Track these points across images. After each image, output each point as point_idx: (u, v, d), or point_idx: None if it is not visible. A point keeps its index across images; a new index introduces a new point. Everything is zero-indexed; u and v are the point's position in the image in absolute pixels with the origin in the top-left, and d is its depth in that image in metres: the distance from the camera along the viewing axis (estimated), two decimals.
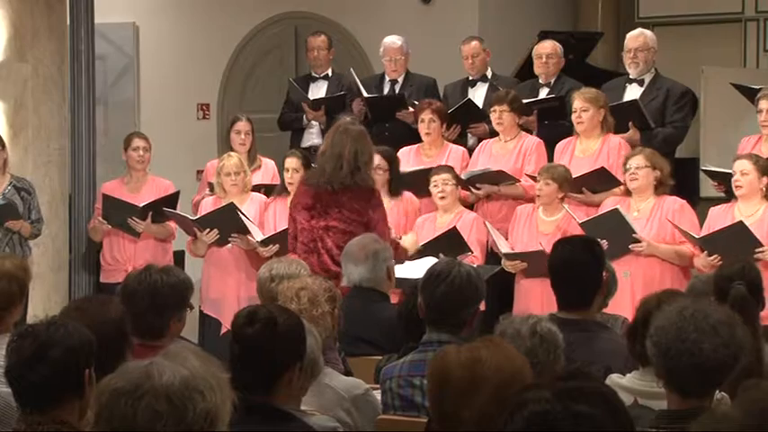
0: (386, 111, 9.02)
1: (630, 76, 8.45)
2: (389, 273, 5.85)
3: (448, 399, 3.08)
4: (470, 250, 7.56)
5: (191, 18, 11.68)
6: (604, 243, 6.92)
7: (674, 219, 7.20)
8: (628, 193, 7.40)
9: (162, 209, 8.26)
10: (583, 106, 7.83)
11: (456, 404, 3.06)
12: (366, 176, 6.74)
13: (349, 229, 6.60)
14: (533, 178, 7.74)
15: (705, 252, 6.98)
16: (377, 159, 7.80)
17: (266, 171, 8.66)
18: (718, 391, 3.43)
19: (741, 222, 6.96)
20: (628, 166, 7.33)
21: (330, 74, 9.69)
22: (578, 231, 7.36)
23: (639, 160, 7.31)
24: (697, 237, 7.06)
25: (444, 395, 3.10)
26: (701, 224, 7.31)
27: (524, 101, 8.41)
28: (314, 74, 9.73)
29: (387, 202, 7.90)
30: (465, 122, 8.79)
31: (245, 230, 7.95)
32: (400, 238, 7.59)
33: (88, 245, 8.94)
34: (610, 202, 7.47)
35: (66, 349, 3.32)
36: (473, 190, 8.10)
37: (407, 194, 8.06)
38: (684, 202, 7.35)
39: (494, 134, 8.35)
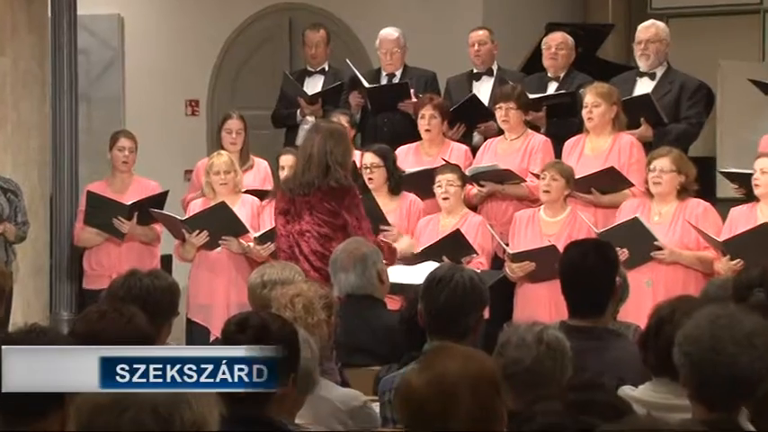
0: (387, 101, 8.97)
1: (641, 69, 8.42)
2: (381, 276, 5.81)
3: (430, 421, 3.01)
4: (476, 252, 7.51)
5: (179, 9, 11.66)
6: (624, 252, 6.92)
7: (698, 223, 7.14)
8: (648, 193, 7.34)
9: (149, 209, 8.21)
10: (594, 101, 7.78)
11: (442, 422, 3.00)
12: (339, 176, 6.69)
13: (323, 232, 6.61)
14: (539, 177, 7.69)
15: (727, 256, 6.95)
16: (369, 158, 7.83)
17: (258, 172, 8.62)
18: None
19: (766, 224, 6.92)
20: (652, 167, 7.26)
21: (327, 68, 9.66)
22: (584, 231, 7.33)
23: (665, 163, 7.23)
24: (719, 240, 7.01)
25: (424, 419, 3.03)
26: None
27: (534, 96, 8.37)
28: (309, 68, 9.70)
29: (388, 202, 7.90)
30: (470, 120, 8.75)
31: (239, 229, 7.91)
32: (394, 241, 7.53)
33: (70, 248, 8.90)
34: (628, 205, 7.40)
35: None
36: (477, 188, 8.07)
37: (411, 196, 8.02)
38: (708, 204, 7.29)
39: (501, 132, 8.31)
